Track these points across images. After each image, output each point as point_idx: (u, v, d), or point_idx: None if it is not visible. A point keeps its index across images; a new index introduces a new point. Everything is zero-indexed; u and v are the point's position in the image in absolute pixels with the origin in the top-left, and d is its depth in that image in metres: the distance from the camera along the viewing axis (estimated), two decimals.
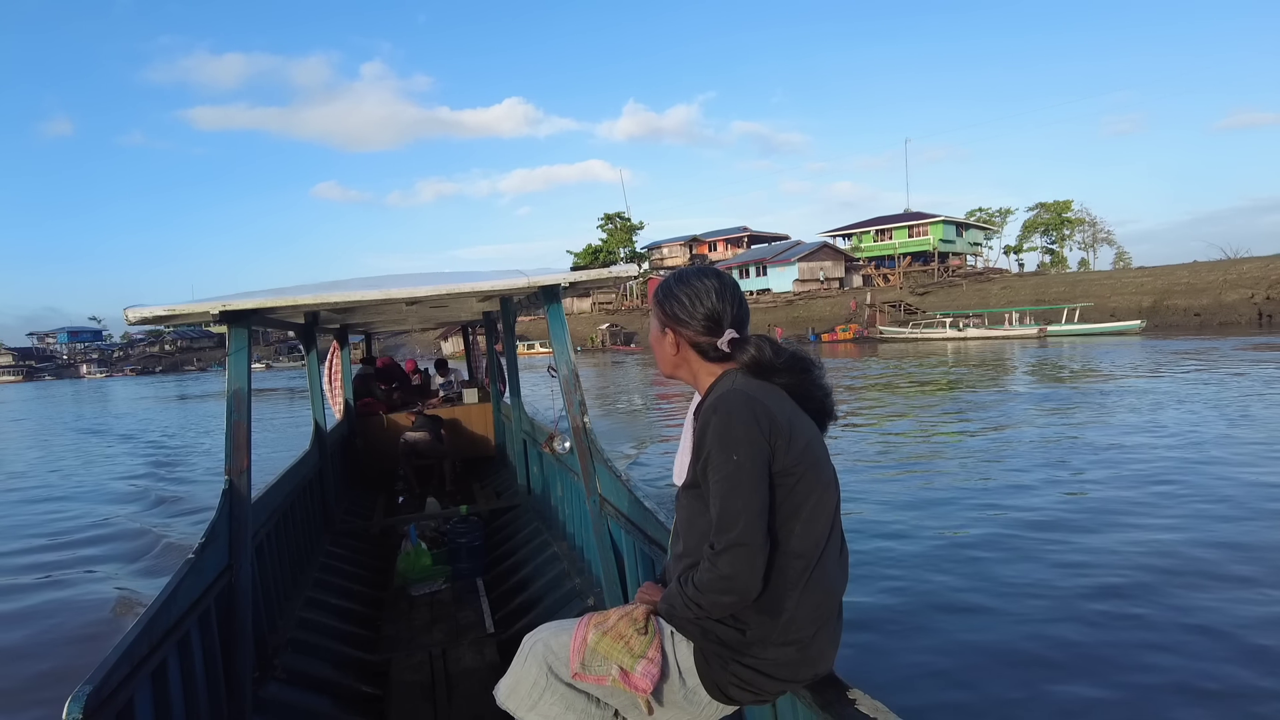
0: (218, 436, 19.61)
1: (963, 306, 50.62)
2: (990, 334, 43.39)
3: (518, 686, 1.87)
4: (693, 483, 1.72)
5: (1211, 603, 5.25)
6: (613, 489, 3.72)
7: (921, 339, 45.75)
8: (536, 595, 4.83)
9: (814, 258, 66.04)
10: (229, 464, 3.34)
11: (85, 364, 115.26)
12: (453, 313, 7.21)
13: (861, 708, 1.62)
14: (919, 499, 8.51)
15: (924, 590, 5.76)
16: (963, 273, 64.04)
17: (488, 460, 8.78)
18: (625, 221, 78.54)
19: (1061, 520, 7.34)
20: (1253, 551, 6.19)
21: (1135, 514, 7.41)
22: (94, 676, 1.99)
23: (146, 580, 7.37)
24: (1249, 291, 41.60)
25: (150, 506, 11.55)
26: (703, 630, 1.72)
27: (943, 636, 4.97)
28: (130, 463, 16.98)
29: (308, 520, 5.44)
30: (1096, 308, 44.91)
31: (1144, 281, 48.36)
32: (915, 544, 6.83)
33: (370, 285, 3.82)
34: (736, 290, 1.82)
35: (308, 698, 3.63)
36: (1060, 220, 76.63)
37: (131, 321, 3.15)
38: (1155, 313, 44.21)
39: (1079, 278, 56.24)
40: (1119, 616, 5.13)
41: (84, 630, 6.19)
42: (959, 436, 12.65)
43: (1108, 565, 6.04)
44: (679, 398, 21.84)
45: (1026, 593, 5.58)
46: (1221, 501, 7.66)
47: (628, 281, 3.53)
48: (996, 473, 9.56)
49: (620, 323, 68.57)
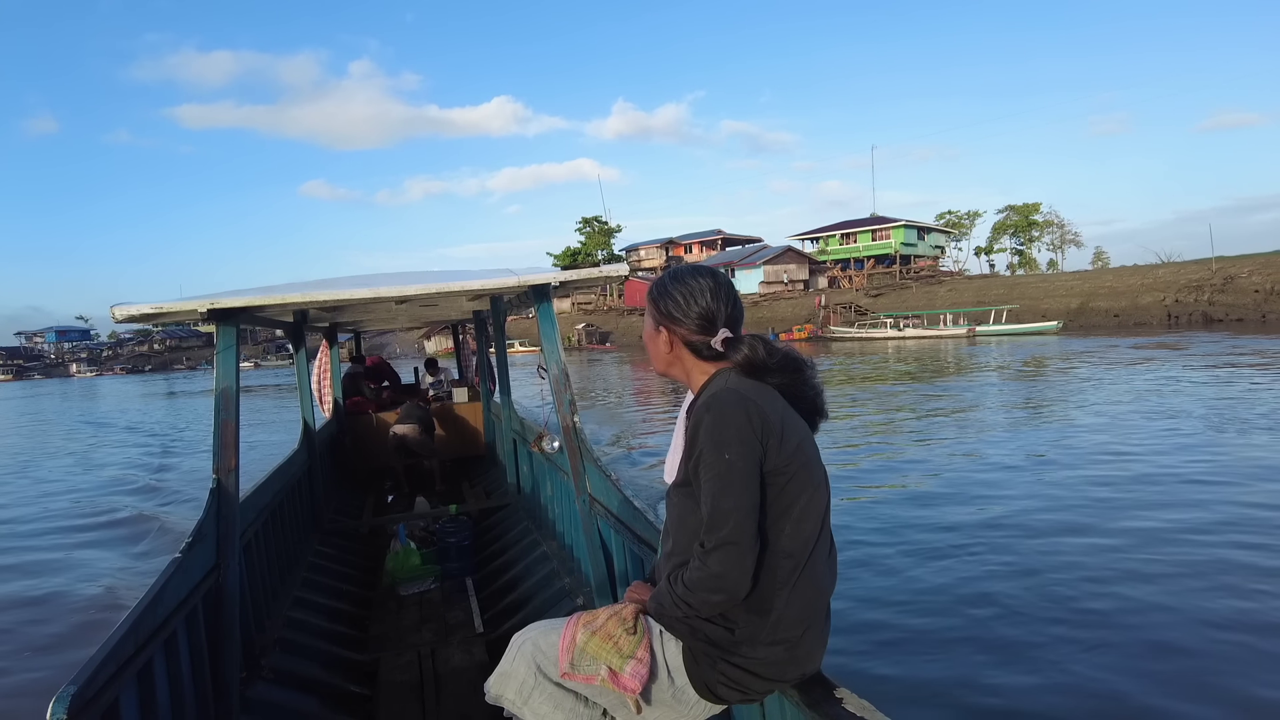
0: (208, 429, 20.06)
1: (912, 308, 53.31)
2: (926, 334, 46.37)
3: (506, 685, 1.87)
4: (684, 481, 1.72)
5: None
6: (602, 488, 3.71)
7: (867, 338, 48.48)
8: (526, 595, 4.81)
9: (779, 261, 69.32)
10: (217, 463, 3.31)
11: (75, 363, 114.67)
12: (443, 312, 7.19)
13: (849, 707, 1.62)
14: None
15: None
16: (927, 275, 66.12)
17: (477, 459, 8.76)
18: (603, 225, 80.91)
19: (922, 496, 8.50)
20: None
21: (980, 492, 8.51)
22: (78, 677, 1.97)
23: (142, 577, 7.34)
24: (1161, 295, 44.98)
25: (148, 496, 11.60)
26: (691, 629, 1.72)
27: (929, 631, 5.01)
28: (133, 452, 17.18)
29: (296, 520, 5.42)
30: (1030, 309, 47.79)
31: (1074, 285, 51.33)
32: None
33: (360, 284, 3.79)
34: (731, 290, 1.82)
35: (296, 698, 3.61)
36: (1027, 222, 78.16)
37: (119, 319, 3.11)
38: (1081, 314, 47.03)
39: (1017, 281, 59.28)
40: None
41: (71, 628, 6.16)
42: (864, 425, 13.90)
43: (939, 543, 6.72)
44: (655, 393, 22.84)
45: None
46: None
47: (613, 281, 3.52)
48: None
49: (598, 323, 70.47)
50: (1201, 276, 44.65)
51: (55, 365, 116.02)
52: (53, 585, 7.38)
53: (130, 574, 7.55)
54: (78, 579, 7.56)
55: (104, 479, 13.94)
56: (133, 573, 7.60)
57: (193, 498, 10.75)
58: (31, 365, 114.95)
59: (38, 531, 9.81)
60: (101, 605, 6.63)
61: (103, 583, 7.32)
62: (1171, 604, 5.20)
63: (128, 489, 12.48)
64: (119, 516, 10.24)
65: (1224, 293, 42.54)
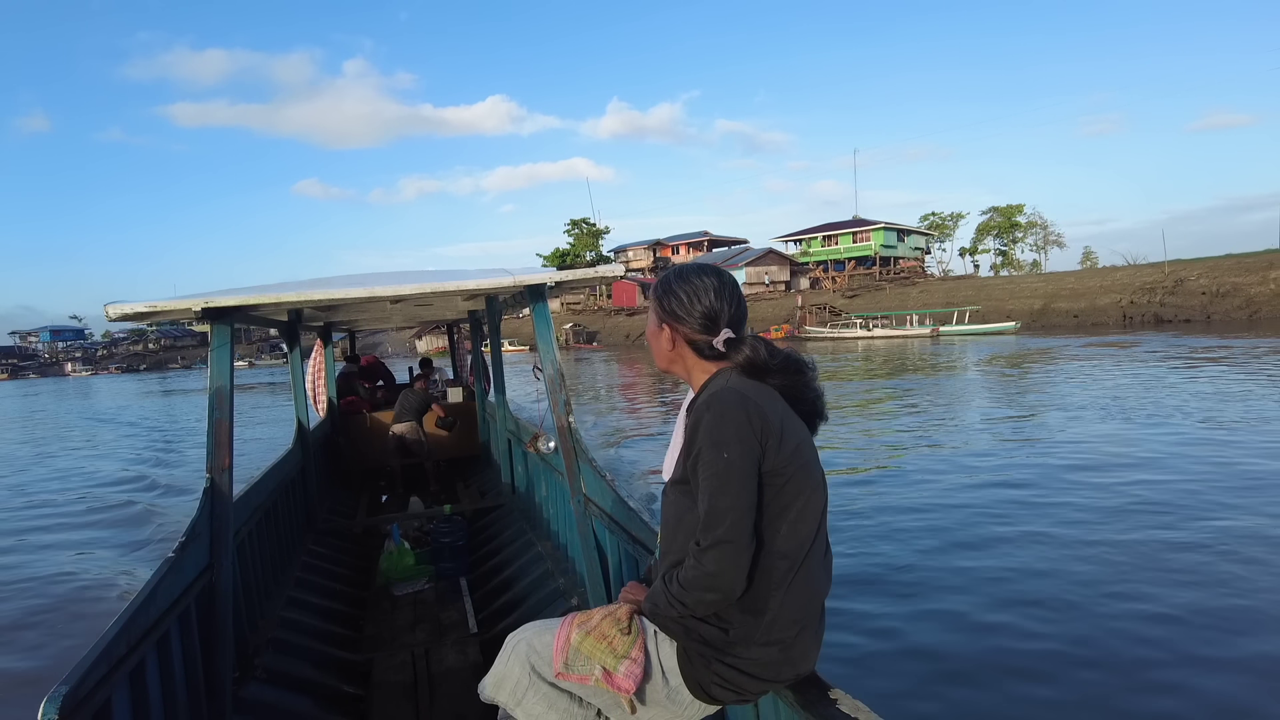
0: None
1: (886, 308, 54.66)
2: (893, 333, 47.80)
3: (501, 685, 1.87)
4: (681, 478, 1.71)
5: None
6: (597, 488, 3.70)
7: (839, 338, 49.76)
8: (520, 595, 4.80)
9: (760, 262, 71.16)
10: (210, 462, 3.30)
11: (70, 362, 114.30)
12: (438, 311, 7.18)
13: (842, 707, 1.62)
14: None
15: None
16: (901, 277, 67.49)
17: (472, 459, 8.75)
18: (591, 227, 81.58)
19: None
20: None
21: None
22: (70, 676, 1.95)
23: (136, 574, 7.32)
24: (1118, 297, 46.69)
25: (147, 491, 11.60)
26: (686, 629, 1.72)
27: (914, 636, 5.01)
28: (133, 444, 17.25)
29: (290, 519, 5.40)
30: (995, 309, 49.54)
31: (1038, 286, 52.96)
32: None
33: (355, 283, 3.78)
34: (736, 289, 1.81)
35: (289, 698, 3.60)
36: (1010, 224, 78.76)
37: (112, 318, 3.09)
38: (1043, 314, 48.64)
39: (985, 283, 60.99)
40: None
41: (65, 627, 6.13)
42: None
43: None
44: (641, 392, 23.50)
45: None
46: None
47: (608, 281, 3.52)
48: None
49: (585, 323, 71.56)
50: (1155, 279, 46.52)
51: (50, 365, 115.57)
52: (47, 582, 7.36)
53: (125, 571, 7.53)
54: (71, 575, 7.54)
55: (104, 474, 13.95)
56: (127, 569, 7.58)
57: (189, 489, 10.77)
58: (26, 365, 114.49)
59: (35, 529, 9.77)
60: (95, 603, 6.61)
61: (97, 580, 7.30)
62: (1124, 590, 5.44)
63: (126, 484, 12.47)
64: (117, 515, 10.23)
65: (1174, 295, 44.35)
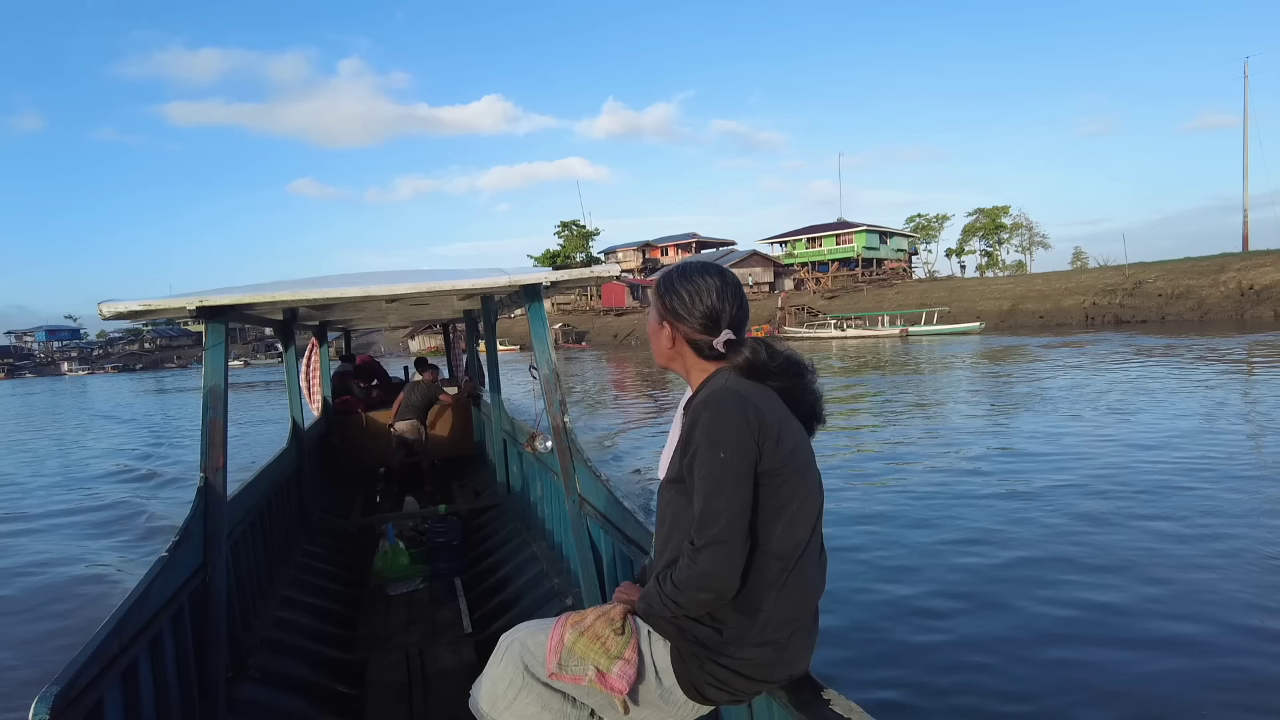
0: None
1: (863, 309, 55.70)
2: (865, 334, 49.14)
3: (494, 686, 1.86)
4: (677, 477, 1.71)
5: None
6: (592, 489, 3.70)
7: (815, 338, 50.71)
8: (515, 595, 4.80)
9: (745, 264, 72.27)
10: (204, 461, 3.29)
11: (66, 361, 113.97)
12: (433, 311, 7.18)
13: (836, 708, 1.62)
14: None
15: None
16: (879, 279, 68.46)
17: (467, 459, 8.74)
18: (581, 229, 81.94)
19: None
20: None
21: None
22: (62, 676, 1.94)
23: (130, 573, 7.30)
24: (1082, 298, 47.90)
25: (143, 487, 11.59)
26: (679, 629, 1.71)
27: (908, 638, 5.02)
28: (129, 441, 17.25)
29: (284, 519, 5.39)
30: (966, 310, 50.86)
31: (1007, 288, 54.47)
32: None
33: (351, 282, 3.77)
34: (738, 290, 1.79)
35: (283, 698, 3.59)
36: (995, 225, 79.24)
37: (106, 316, 3.08)
38: (1011, 315, 49.87)
39: (960, 284, 62.86)
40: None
41: (57, 625, 6.12)
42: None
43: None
44: (630, 391, 23.81)
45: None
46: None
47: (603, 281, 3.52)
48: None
49: (574, 323, 72.62)
50: (1116, 281, 47.80)
51: (46, 364, 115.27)
52: (38, 581, 7.34)
53: (118, 570, 7.51)
54: (64, 574, 7.52)
55: (99, 471, 13.92)
56: (120, 568, 7.56)
57: (184, 487, 10.75)
58: (22, 364, 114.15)
59: (29, 529, 9.73)
60: (88, 602, 6.59)
61: (89, 579, 7.28)
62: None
63: (120, 483, 12.45)
64: (111, 514, 10.20)
65: (1133, 296, 45.56)
